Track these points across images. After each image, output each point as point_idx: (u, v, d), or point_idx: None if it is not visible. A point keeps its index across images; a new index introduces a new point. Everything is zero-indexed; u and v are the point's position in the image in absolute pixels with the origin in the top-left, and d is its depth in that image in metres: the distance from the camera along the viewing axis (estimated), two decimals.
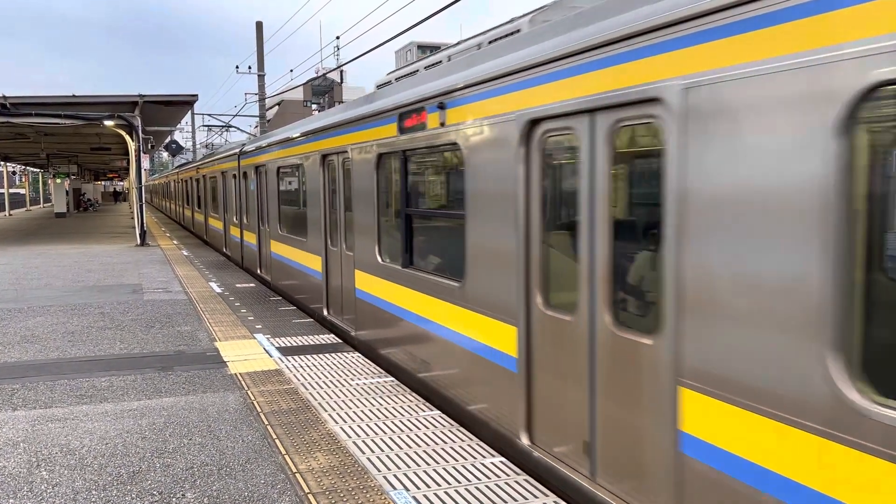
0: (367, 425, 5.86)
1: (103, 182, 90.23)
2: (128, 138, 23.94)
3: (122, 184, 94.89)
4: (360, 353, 8.26)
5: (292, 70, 41.45)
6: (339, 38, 46.56)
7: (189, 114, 47.07)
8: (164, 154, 67.93)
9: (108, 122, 22.93)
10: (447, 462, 5.06)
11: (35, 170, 64.01)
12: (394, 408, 6.29)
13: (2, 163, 50.48)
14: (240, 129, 40.71)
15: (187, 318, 10.73)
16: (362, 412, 6.19)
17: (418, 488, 4.65)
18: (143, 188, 24.36)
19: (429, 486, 4.67)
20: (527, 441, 5.11)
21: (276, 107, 66.00)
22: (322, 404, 6.41)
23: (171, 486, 4.76)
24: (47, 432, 5.84)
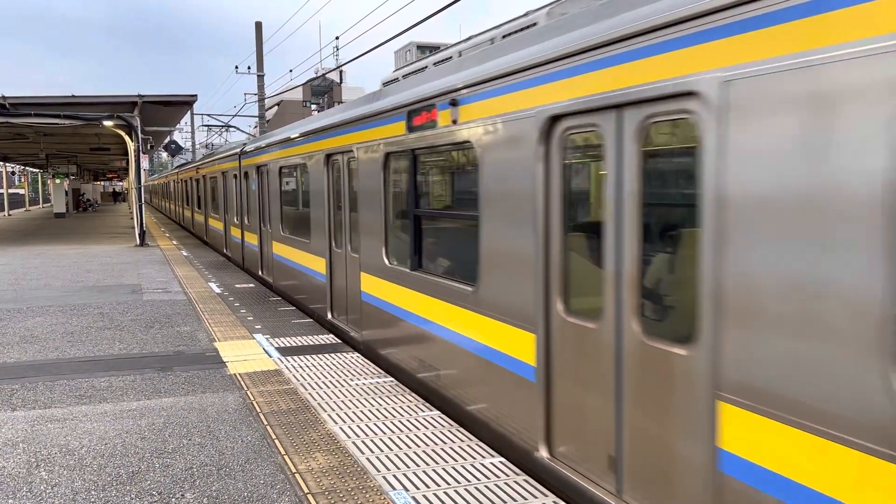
0: (366, 425, 5.85)
1: (102, 182, 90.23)
2: (127, 138, 23.93)
3: (121, 184, 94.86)
4: (366, 358, 8.11)
5: (292, 70, 41.42)
6: (338, 38, 46.57)
7: (188, 114, 47.11)
8: (164, 154, 67.92)
9: (108, 123, 22.93)
10: (447, 462, 5.06)
11: (34, 170, 64.00)
12: (393, 408, 6.29)
13: (1, 163, 50.45)
14: (239, 129, 40.69)
15: (187, 318, 10.73)
16: (362, 412, 6.19)
17: (417, 488, 4.65)
18: (143, 188, 24.36)
19: (428, 487, 4.67)
20: (546, 454, 4.88)
21: (276, 107, 66.01)
22: (321, 404, 6.41)
23: (171, 487, 4.76)
24: (46, 433, 5.84)
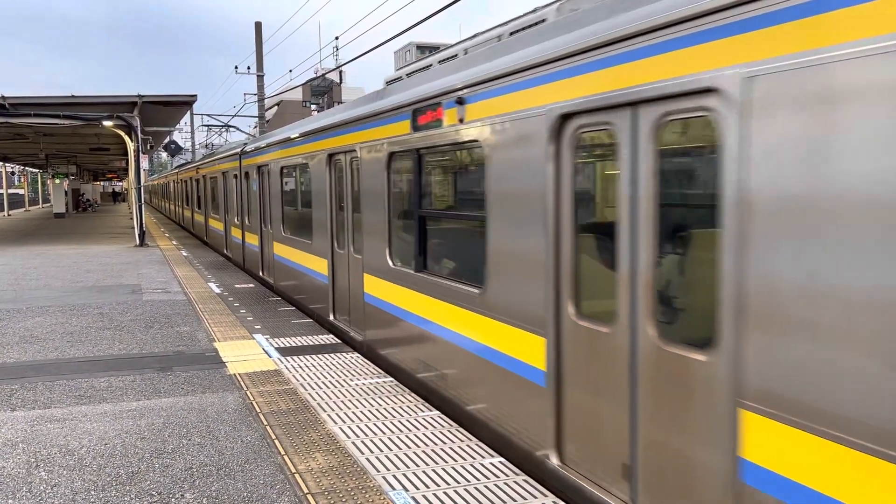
0: (366, 425, 5.85)
1: (102, 182, 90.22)
2: (127, 139, 23.94)
3: (121, 184, 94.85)
4: (368, 360, 8.00)
5: (291, 70, 41.41)
6: (338, 38, 46.56)
7: (188, 114, 47.12)
8: (163, 154, 67.96)
9: (107, 123, 22.94)
10: (446, 462, 5.06)
11: (34, 170, 63.99)
12: (393, 408, 6.29)
13: (1, 163, 50.45)
14: (239, 129, 40.69)
15: (186, 318, 10.73)
16: (361, 412, 6.19)
17: (417, 488, 4.65)
18: (142, 188, 24.36)
19: (428, 487, 4.67)
20: (556, 461, 4.74)
21: (276, 107, 66.04)
22: (321, 404, 6.41)
23: (170, 487, 4.76)
24: (46, 433, 5.84)
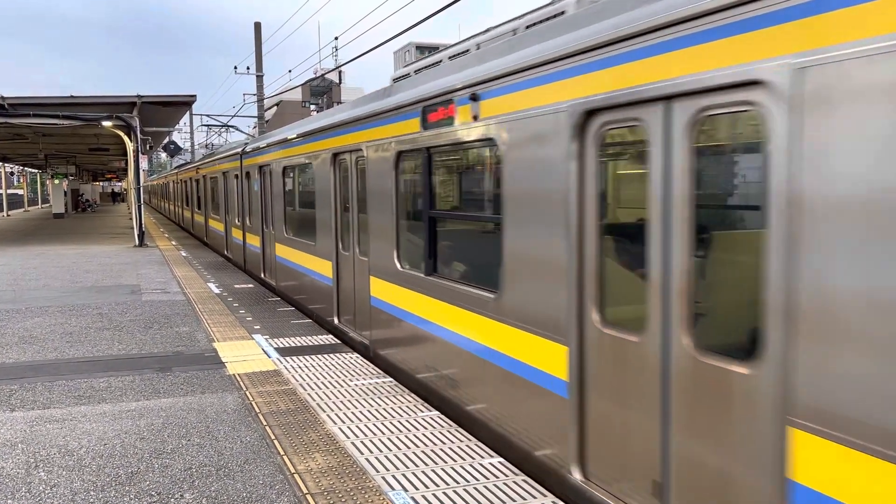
0: (365, 426, 5.85)
1: (101, 183, 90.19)
2: (126, 139, 23.93)
3: (120, 184, 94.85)
4: (375, 366, 7.82)
5: (291, 70, 41.41)
6: (337, 38, 46.52)
7: (187, 114, 47.12)
8: (163, 155, 67.96)
9: (107, 123, 22.94)
10: (446, 462, 5.06)
11: (33, 170, 63.98)
12: (392, 408, 6.29)
13: (0, 163, 50.43)
14: (238, 129, 40.68)
15: (186, 318, 10.72)
16: (361, 413, 6.18)
17: (417, 489, 4.65)
18: (142, 189, 24.35)
19: (427, 487, 4.67)
20: (579, 476, 4.51)
21: (275, 107, 66.05)
22: (320, 405, 6.41)
23: (170, 487, 4.76)
24: (45, 433, 5.84)
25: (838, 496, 2.85)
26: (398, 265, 7.33)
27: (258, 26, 34.56)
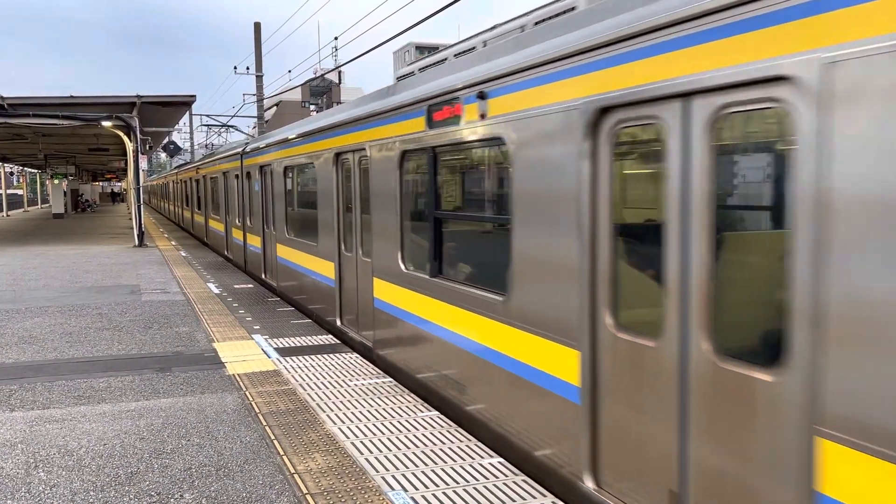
0: (365, 426, 5.85)
1: (101, 183, 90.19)
2: (126, 139, 23.94)
3: (120, 184, 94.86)
4: (379, 369, 7.72)
5: (290, 71, 41.39)
6: (337, 38, 46.52)
7: (187, 114, 47.11)
8: (162, 155, 67.98)
9: (106, 123, 22.94)
10: (445, 462, 5.06)
11: (33, 170, 63.99)
12: (392, 408, 6.29)
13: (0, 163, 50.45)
14: (238, 129, 40.70)
15: (185, 318, 10.72)
16: (360, 413, 6.19)
17: (416, 489, 4.65)
18: (141, 189, 24.35)
19: (427, 487, 4.67)
20: (592, 484, 4.40)
21: (275, 107, 66.06)
22: (320, 405, 6.41)
23: (170, 487, 4.76)
24: (45, 433, 5.84)
25: None
26: (402, 266, 7.22)
27: (258, 26, 34.56)
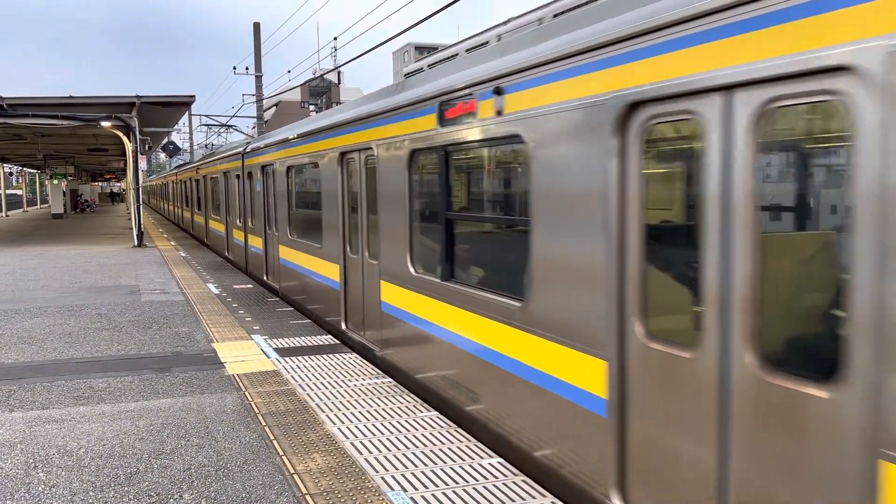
0: (364, 426, 5.85)
1: (100, 183, 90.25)
2: (125, 139, 23.94)
3: (119, 185, 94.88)
4: (386, 374, 7.51)
5: (290, 71, 41.39)
6: (336, 38, 46.52)
7: (186, 114, 47.13)
8: (162, 155, 68.03)
9: (105, 124, 22.94)
10: (445, 463, 5.06)
11: (32, 171, 63.98)
12: (392, 408, 6.29)
13: None
14: (237, 128, 40.73)
15: (185, 319, 10.72)
16: (360, 413, 6.18)
17: (416, 489, 4.65)
18: (141, 189, 24.35)
19: (427, 487, 4.67)
20: (619, 503, 4.19)
21: (274, 108, 66.07)
22: (320, 405, 6.41)
23: (169, 488, 4.76)
24: (44, 433, 5.83)
25: None
26: (412, 269, 6.99)
27: (257, 27, 34.55)
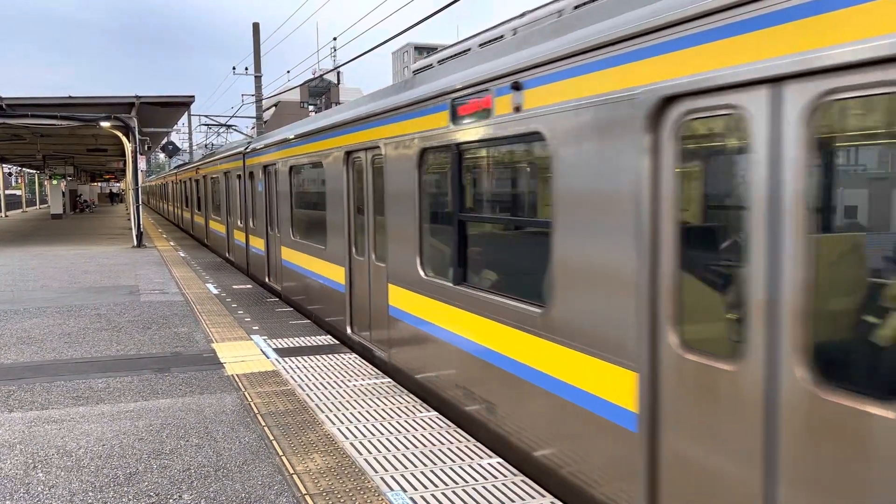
0: (364, 426, 5.85)
1: (100, 183, 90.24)
2: (124, 139, 23.93)
3: (118, 185, 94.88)
4: (395, 381, 7.30)
5: (289, 71, 41.39)
6: (336, 39, 46.52)
7: (186, 115, 47.12)
8: (161, 155, 68.01)
9: (105, 124, 22.93)
10: (444, 463, 5.06)
11: (31, 171, 63.96)
12: (391, 409, 6.29)
13: None
14: (237, 128, 40.72)
15: (184, 319, 10.72)
16: (360, 413, 6.18)
17: (415, 489, 4.65)
18: (140, 189, 24.34)
19: (426, 487, 4.67)
20: None
21: (273, 108, 66.08)
22: (319, 405, 6.41)
23: (168, 488, 4.75)
24: (44, 434, 5.83)
25: None
26: (421, 273, 6.75)
27: (257, 27, 34.54)
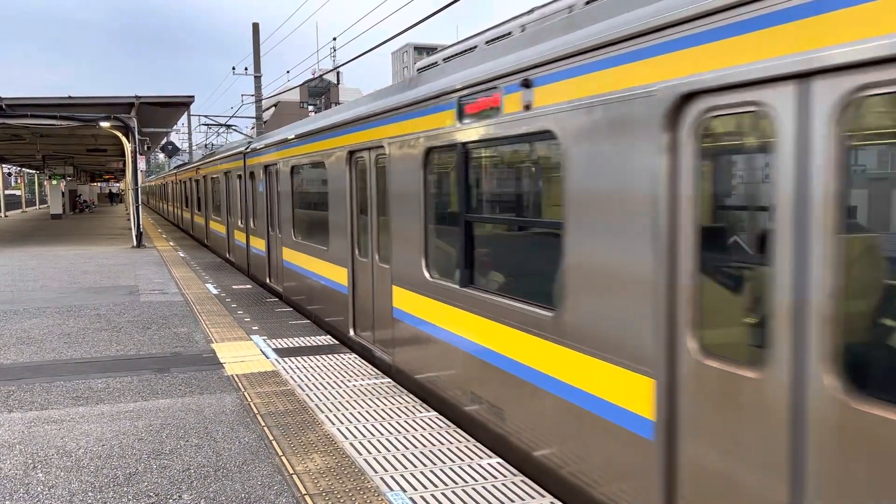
0: (364, 426, 5.85)
1: (99, 183, 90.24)
2: (124, 140, 23.93)
3: (118, 185, 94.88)
4: (399, 385, 7.20)
5: (289, 71, 41.39)
6: (335, 39, 46.54)
7: (185, 115, 47.12)
8: (161, 155, 68.03)
9: (104, 124, 22.93)
10: (444, 463, 5.06)
11: (31, 171, 63.95)
12: (391, 409, 6.29)
13: None
14: (237, 129, 40.71)
15: (184, 319, 10.72)
16: (359, 413, 6.18)
17: (415, 489, 4.65)
18: (140, 189, 24.34)
19: (426, 487, 4.67)
20: None
21: (273, 108, 66.07)
22: (319, 405, 6.41)
23: (168, 488, 4.75)
24: (43, 434, 5.83)
25: None
26: (426, 274, 6.65)
27: (256, 27, 34.54)
